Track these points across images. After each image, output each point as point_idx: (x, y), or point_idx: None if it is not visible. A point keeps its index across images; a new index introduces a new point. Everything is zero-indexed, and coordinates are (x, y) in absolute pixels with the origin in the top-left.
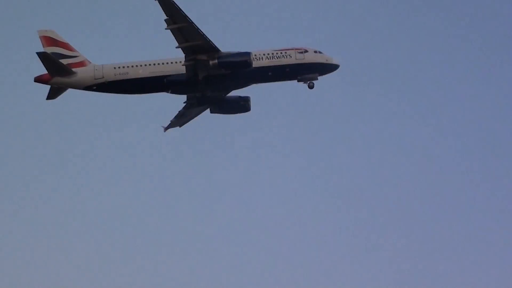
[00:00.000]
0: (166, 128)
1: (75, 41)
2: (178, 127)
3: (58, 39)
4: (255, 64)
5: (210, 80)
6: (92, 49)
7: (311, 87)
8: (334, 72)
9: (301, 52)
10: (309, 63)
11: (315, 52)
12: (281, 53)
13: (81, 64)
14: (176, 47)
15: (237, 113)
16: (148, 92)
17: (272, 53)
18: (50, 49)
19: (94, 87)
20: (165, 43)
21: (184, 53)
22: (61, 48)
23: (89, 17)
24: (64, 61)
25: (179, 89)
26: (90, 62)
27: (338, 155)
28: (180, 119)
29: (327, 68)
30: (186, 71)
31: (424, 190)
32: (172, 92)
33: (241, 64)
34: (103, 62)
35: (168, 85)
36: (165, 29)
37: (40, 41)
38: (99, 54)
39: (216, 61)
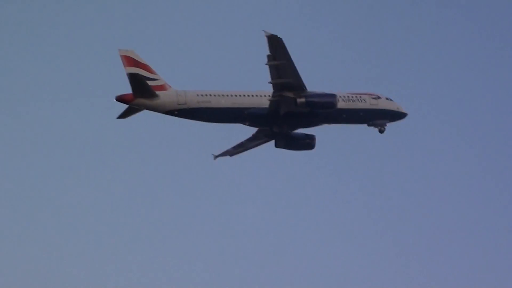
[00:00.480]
0: (216, 156)
1: (155, 63)
2: (228, 156)
3: (138, 60)
4: None
5: (290, 116)
6: (171, 73)
7: (382, 131)
8: (402, 119)
9: (375, 98)
10: (382, 109)
11: (387, 99)
12: (356, 96)
13: (162, 87)
14: (268, 82)
15: (301, 149)
16: (226, 122)
17: (348, 96)
18: (131, 70)
19: (176, 112)
20: (243, 74)
21: (273, 88)
22: (142, 70)
23: (168, 39)
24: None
25: (258, 122)
26: (171, 86)
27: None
28: (236, 149)
29: (397, 115)
30: (269, 105)
31: None
32: (249, 125)
33: (327, 105)
34: (181, 88)
35: (248, 117)
36: (265, 64)
37: (121, 60)
38: (178, 79)
39: (303, 99)
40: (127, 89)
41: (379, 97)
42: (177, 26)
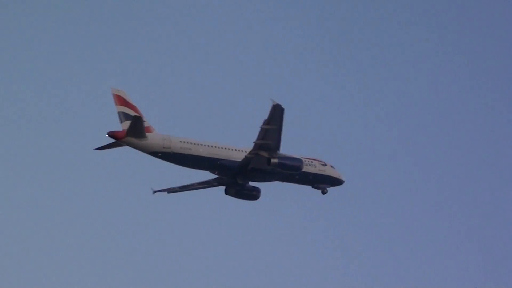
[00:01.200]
0: (155, 191)
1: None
2: (166, 193)
3: (128, 100)
4: None
5: (255, 172)
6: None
7: (324, 193)
8: (340, 185)
9: (323, 165)
10: (327, 175)
11: (331, 166)
12: (309, 161)
13: (147, 129)
14: (253, 142)
15: (247, 199)
16: (198, 169)
17: (290, 157)
18: (120, 108)
19: (159, 154)
20: (219, 125)
21: (253, 147)
22: (130, 110)
23: (157, 82)
24: (127, 124)
25: (226, 172)
26: (155, 129)
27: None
28: (182, 189)
29: (337, 182)
30: (242, 160)
31: None
32: (217, 174)
33: (295, 168)
34: (161, 131)
35: (219, 167)
36: (261, 127)
37: (112, 98)
38: (159, 121)
39: (277, 160)
40: (113, 125)
41: (325, 164)
42: (167, 69)
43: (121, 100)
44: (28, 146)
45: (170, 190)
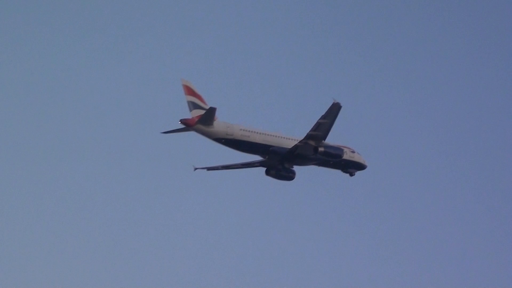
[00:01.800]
0: (196, 168)
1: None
2: (205, 170)
3: (195, 90)
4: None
5: (299, 157)
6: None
7: (352, 175)
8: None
9: (352, 152)
10: (355, 161)
11: (358, 153)
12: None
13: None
14: (308, 132)
15: (284, 180)
16: (252, 153)
17: (333, 146)
18: (188, 98)
19: (223, 140)
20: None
21: (305, 136)
22: (196, 99)
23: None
24: (198, 112)
25: (275, 157)
26: (217, 117)
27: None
28: (223, 168)
29: (363, 167)
30: (292, 147)
31: None
32: (267, 158)
33: (337, 156)
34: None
35: (270, 153)
36: (318, 121)
37: (182, 88)
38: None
39: (323, 149)
40: (181, 112)
41: (354, 151)
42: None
43: (189, 90)
44: (106, 131)
45: (210, 168)
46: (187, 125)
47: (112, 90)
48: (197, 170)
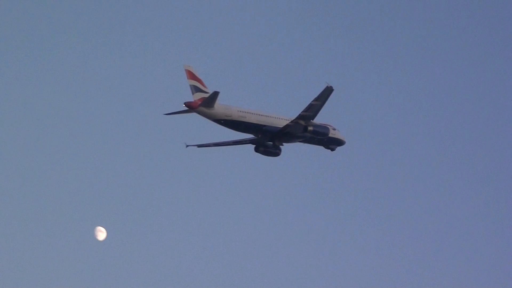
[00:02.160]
0: (188, 146)
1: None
2: (196, 147)
3: (196, 74)
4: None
5: (288, 135)
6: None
7: (333, 151)
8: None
9: (333, 129)
10: (336, 138)
11: (338, 130)
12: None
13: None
14: (300, 113)
15: (271, 156)
16: (247, 133)
17: (320, 125)
18: (191, 82)
19: (222, 121)
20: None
21: (296, 116)
22: (197, 83)
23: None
24: (199, 95)
25: (267, 136)
26: (217, 100)
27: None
28: (214, 145)
29: (342, 143)
30: (283, 127)
31: None
32: (260, 137)
33: (323, 134)
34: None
35: (263, 132)
36: (311, 103)
37: (184, 73)
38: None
39: (312, 128)
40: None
41: (335, 129)
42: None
43: (191, 75)
44: (113, 113)
45: (200, 145)
46: (191, 108)
47: (116, 76)
48: (188, 147)
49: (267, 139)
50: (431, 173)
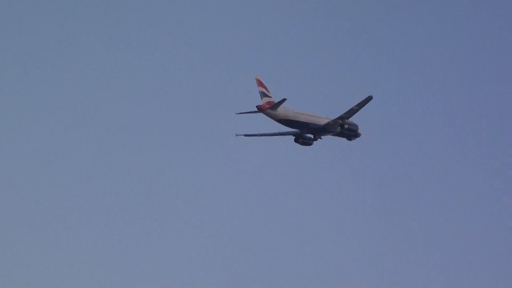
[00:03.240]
0: (237, 135)
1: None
2: (243, 136)
3: (263, 81)
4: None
5: (326, 130)
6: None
7: (351, 140)
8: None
9: (353, 123)
10: (358, 132)
11: (358, 125)
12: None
13: (272, 103)
14: (341, 115)
15: (306, 145)
16: (298, 129)
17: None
18: (259, 89)
19: (283, 121)
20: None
21: (338, 117)
22: (264, 89)
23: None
24: (266, 99)
25: (311, 131)
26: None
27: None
28: (261, 135)
29: (359, 135)
30: (325, 124)
31: None
32: (306, 132)
33: (355, 130)
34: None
35: (309, 128)
36: (352, 107)
37: (255, 81)
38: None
39: (347, 126)
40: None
41: (357, 125)
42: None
43: (259, 83)
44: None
45: (247, 135)
46: (260, 110)
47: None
48: (238, 136)
49: (309, 133)
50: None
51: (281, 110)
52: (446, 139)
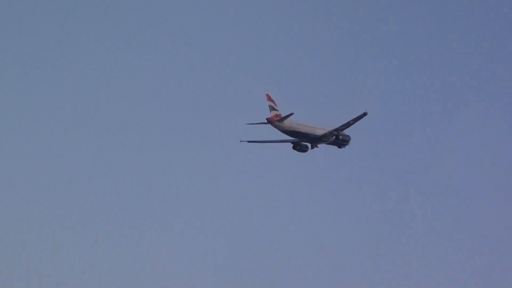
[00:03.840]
0: (241, 141)
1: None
2: (246, 142)
3: (271, 96)
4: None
5: (322, 140)
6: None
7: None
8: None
9: (346, 134)
10: (348, 140)
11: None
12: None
13: (279, 116)
14: (337, 127)
15: (302, 152)
16: (298, 138)
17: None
18: (269, 103)
19: (288, 132)
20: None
21: (334, 129)
22: (272, 103)
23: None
24: (274, 112)
25: (309, 140)
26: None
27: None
28: (261, 142)
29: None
30: (322, 135)
31: None
32: (305, 141)
33: (346, 140)
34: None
35: (307, 138)
36: (349, 121)
37: (265, 96)
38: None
39: (341, 137)
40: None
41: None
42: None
43: (269, 98)
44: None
45: (250, 141)
46: (269, 122)
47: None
48: (242, 142)
49: (306, 142)
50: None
51: (287, 123)
52: (443, 141)
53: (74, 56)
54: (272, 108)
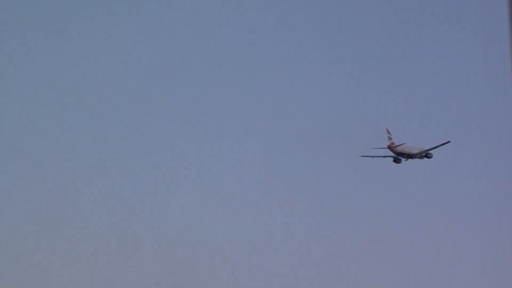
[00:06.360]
0: (359, 156)
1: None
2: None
3: (389, 130)
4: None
5: (415, 156)
6: None
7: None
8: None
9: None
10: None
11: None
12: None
13: (393, 143)
14: (429, 149)
15: (398, 163)
16: (402, 157)
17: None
18: (388, 135)
19: (398, 154)
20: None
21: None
22: (389, 135)
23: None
24: (390, 141)
25: (405, 156)
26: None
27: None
28: (372, 157)
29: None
30: (416, 153)
31: None
32: (405, 158)
33: (431, 156)
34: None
35: (404, 155)
36: (438, 145)
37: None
38: None
39: (430, 154)
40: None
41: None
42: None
43: (387, 131)
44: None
45: (363, 155)
46: (389, 148)
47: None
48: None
49: (404, 157)
50: None
51: (399, 148)
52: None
53: (74, 56)
54: (389, 138)
